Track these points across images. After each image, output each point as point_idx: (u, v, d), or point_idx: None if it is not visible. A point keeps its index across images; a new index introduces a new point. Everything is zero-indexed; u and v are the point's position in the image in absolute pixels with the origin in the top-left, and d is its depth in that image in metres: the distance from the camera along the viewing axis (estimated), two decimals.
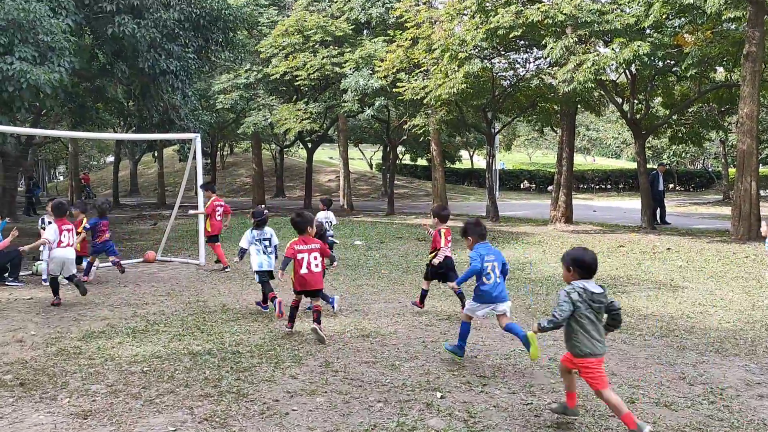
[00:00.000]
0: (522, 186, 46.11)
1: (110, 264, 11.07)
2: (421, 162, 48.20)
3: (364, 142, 45.02)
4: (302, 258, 6.21)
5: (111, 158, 49.06)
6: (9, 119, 11.25)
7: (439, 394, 4.73)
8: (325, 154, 58.14)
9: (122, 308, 7.86)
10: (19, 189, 31.25)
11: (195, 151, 12.35)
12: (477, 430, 4.10)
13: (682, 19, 14.79)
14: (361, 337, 6.44)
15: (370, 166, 54.53)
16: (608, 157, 68.14)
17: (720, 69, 19.12)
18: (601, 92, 17.96)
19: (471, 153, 51.81)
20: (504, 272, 5.59)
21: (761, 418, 4.31)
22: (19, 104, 10.48)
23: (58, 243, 8.08)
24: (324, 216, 10.04)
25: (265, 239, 7.54)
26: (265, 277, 7.47)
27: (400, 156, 45.92)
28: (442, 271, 7.38)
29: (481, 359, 5.70)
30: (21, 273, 9.99)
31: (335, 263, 7.33)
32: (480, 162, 54.41)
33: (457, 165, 50.43)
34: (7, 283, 9.65)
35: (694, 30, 14.92)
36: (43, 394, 4.72)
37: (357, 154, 54.70)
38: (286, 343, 6.16)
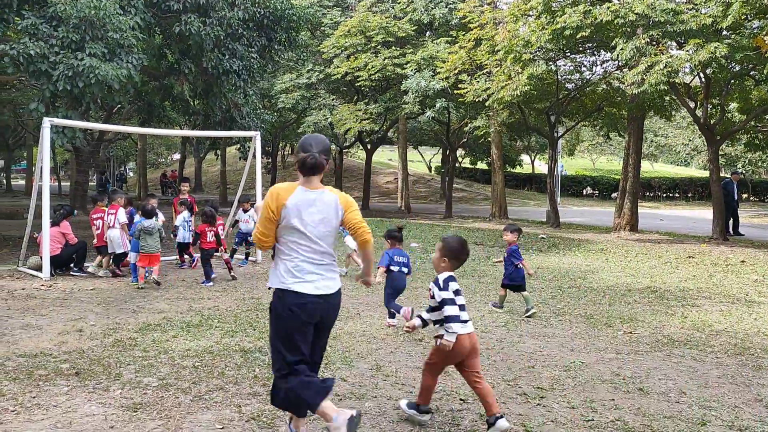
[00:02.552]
0: (584, 192, 44.91)
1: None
2: (481, 165, 47.61)
3: (423, 144, 44.82)
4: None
5: (177, 155, 50.49)
6: (80, 114, 11.59)
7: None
8: (385, 155, 58.20)
9: (179, 302, 7.95)
10: (90, 183, 32.51)
11: (255, 150, 12.45)
12: None
13: (762, 20, 14.00)
14: (414, 341, 6.28)
15: (429, 168, 54.25)
16: (677, 165, 65.69)
17: None
18: (673, 96, 17.22)
19: (532, 157, 50.84)
20: None
21: None
22: (88, 99, 10.77)
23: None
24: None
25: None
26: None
27: (460, 159, 45.49)
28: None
29: (539, 370, 5.44)
30: (85, 264, 10.27)
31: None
32: (541, 167, 53.36)
33: (518, 169, 49.56)
34: (72, 272, 9.95)
35: None
36: (97, 385, 4.75)
37: (416, 156, 54.52)
38: (337, 344, 6.05)
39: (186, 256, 11.20)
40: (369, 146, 30.22)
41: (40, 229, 9.74)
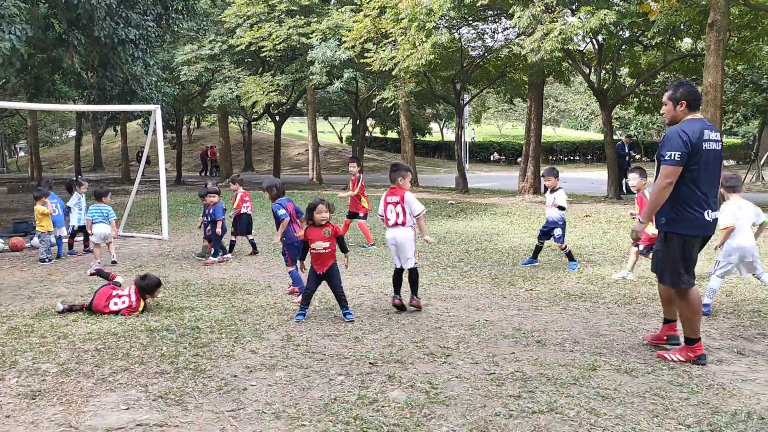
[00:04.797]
0: (492, 158, 46.21)
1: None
2: (392, 134, 47.94)
3: (333, 114, 44.55)
4: None
5: (73, 133, 47.83)
6: None
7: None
8: (295, 127, 57.46)
9: (78, 285, 7.64)
10: None
11: (155, 124, 12.00)
12: (438, 401, 4.04)
13: None
14: (325, 310, 6.35)
15: (340, 139, 54.08)
16: (577, 129, 68.57)
17: (687, 39, 19.21)
18: (569, 62, 17.91)
19: (441, 125, 51.65)
20: None
21: (720, 382, 4.33)
22: None
23: None
24: None
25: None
26: None
27: (370, 129, 45.57)
28: None
29: (445, 330, 5.64)
30: None
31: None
32: (450, 135, 54.32)
33: (427, 137, 50.28)
34: None
35: None
36: None
37: (327, 127, 54.14)
38: (248, 317, 6.03)
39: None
40: (278, 118, 29.73)
41: None
